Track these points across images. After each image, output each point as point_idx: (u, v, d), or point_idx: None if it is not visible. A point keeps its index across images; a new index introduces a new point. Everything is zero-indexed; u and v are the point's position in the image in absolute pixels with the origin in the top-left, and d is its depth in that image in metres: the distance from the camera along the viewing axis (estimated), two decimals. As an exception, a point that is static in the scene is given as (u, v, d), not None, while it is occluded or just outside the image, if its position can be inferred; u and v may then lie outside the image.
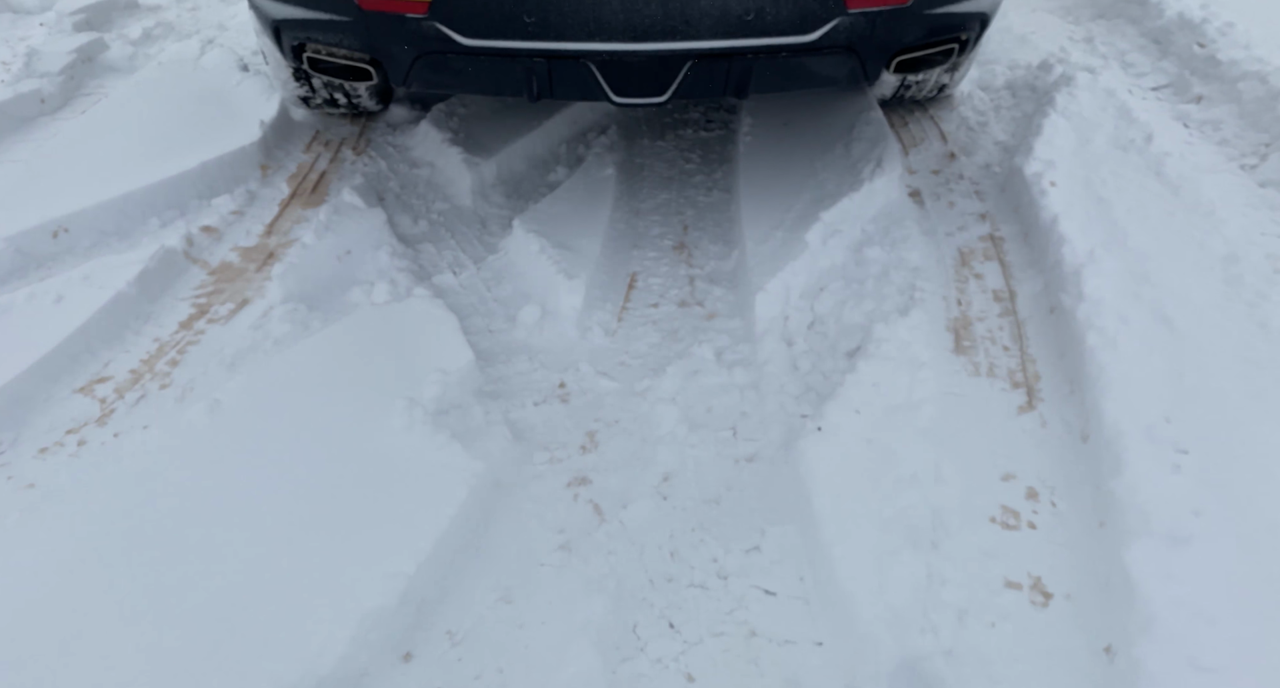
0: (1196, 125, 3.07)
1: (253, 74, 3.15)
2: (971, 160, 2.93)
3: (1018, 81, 3.27)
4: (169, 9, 3.95)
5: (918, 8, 2.23)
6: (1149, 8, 3.54)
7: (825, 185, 2.67)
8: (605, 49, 2.17)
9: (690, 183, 2.93)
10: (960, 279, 2.43)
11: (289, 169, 2.89)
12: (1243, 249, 2.30)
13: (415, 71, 2.28)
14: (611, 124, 3.12)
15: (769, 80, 2.30)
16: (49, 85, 3.16)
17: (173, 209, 2.64)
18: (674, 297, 2.45)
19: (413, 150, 3.02)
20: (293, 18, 2.29)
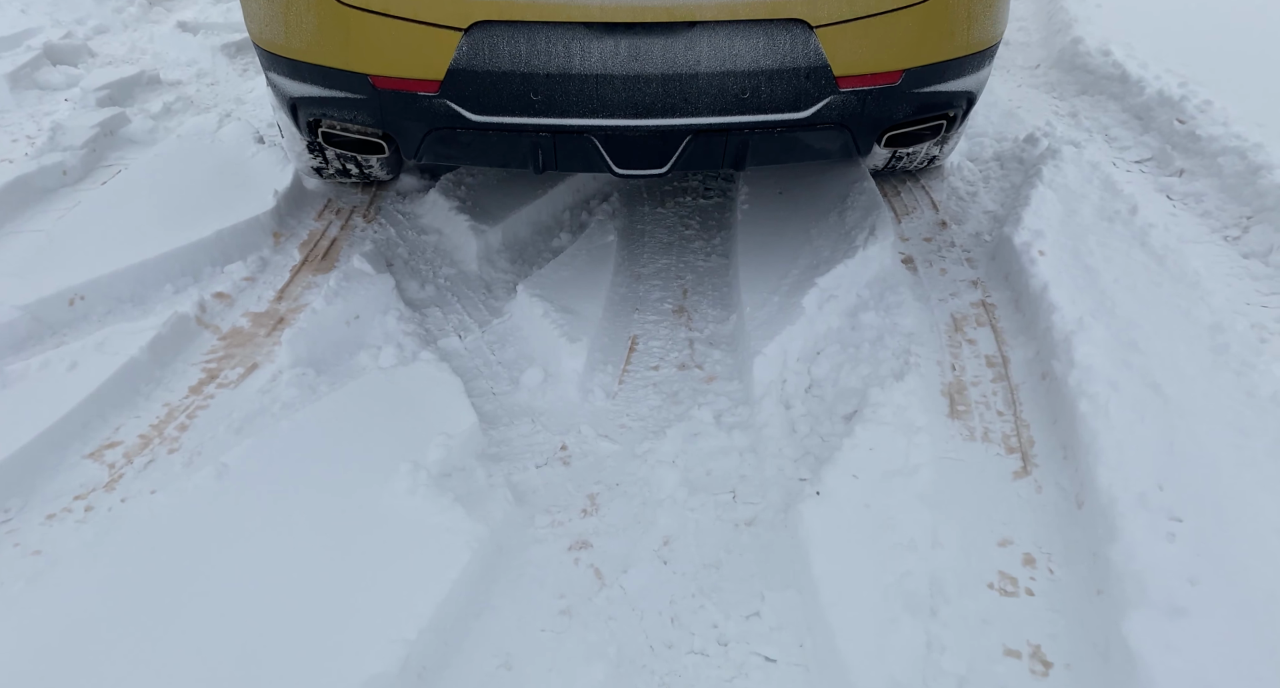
0: (1179, 198, 3.17)
1: (268, 146, 3.24)
2: (962, 229, 3.01)
3: (1006, 153, 3.38)
4: (189, 84, 4.05)
5: (906, 87, 2.33)
6: (1130, 85, 3.67)
7: (820, 252, 2.74)
8: (608, 125, 2.25)
9: (689, 248, 2.99)
10: (954, 344, 2.49)
11: (301, 236, 2.96)
12: (1228, 319, 2.37)
13: (426, 146, 2.36)
14: (614, 192, 3.20)
15: (765, 153, 2.39)
16: (72, 158, 3.24)
17: (187, 276, 2.69)
18: (674, 359, 2.49)
19: (421, 217, 3.08)
20: (309, 95, 2.36)
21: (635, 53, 2.17)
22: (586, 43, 2.16)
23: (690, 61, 2.18)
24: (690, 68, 2.18)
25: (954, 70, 2.39)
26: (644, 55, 2.17)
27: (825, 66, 2.22)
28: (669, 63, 2.18)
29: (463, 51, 2.17)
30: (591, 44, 2.16)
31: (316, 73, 2.31)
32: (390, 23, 2.17)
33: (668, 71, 2.18)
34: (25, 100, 3.80)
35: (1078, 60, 3.95)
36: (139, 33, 4.56)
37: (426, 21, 2.15)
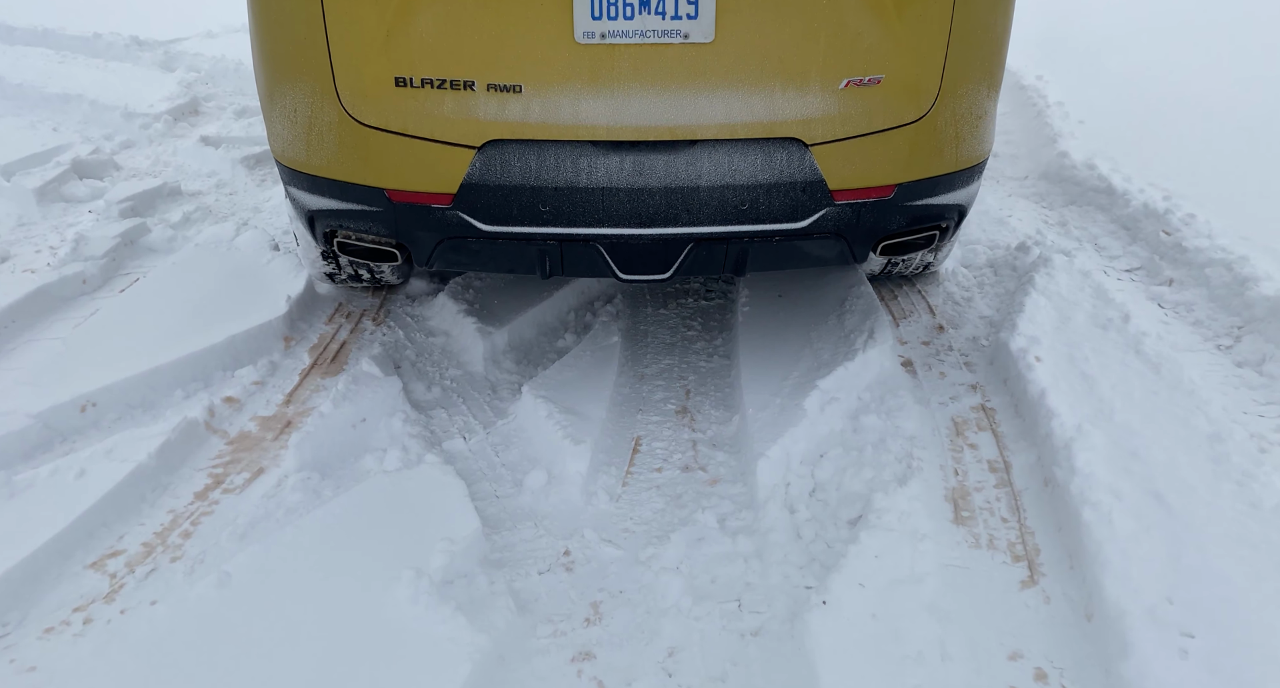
0: (1170, 306, 3.23)
1: (283, 253, 3.33)
2: (959, 333, 3.07)
3: (998, 260, 3.48)
4: (209, 194, 4.18)
5: (899, 200, 2.43)
6: (1116, 197, 3.80)
7: (821, 354, 2.78)
8: (613, 234, 2.34)
9: (692, 349, 3.04)
10: (955, 449, 2.50)
11: (311, 340, 3.01)
12: (1226, 428, 2.39)
13: (437, 253, 2.44)
14: (617, 294, 3.28)
15: (765, 260, 2.47)
16: (92, 267, 3.32)
17: (197, 381, 2.74)
18: (677, 461, 2.51)
19: (430, 320, 3.14)
20: (327, 208, 2.46)
21: (640, 168, 2.27)
22: (594, 159, 2.26)
23: (692, 176, 2.28)
24: (692, 181, 2.28)
25: (944, 185, 2.49)
26: (648, 170, 2.28)
27: (821, 181, 2.32)
28: (671, 177, 2.28)
29: (476, 167, 2.27)
30: (598, 160, 2.27)
31: (335, 187, 2.41)
32: (408, 141, 2.28)
33: (670, 185, 2.28)
34: (51, 213, 3.92)
35: (1064, 172, 4.10)
36: (163, 147, 4.74)
37: (443, 140, 2.26)
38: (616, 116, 2.22)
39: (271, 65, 2.35)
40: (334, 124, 2.31)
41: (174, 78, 5.56)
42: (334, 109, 2.28)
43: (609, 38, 2.16)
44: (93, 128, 4.95)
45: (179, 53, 5.96)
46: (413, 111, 2.24)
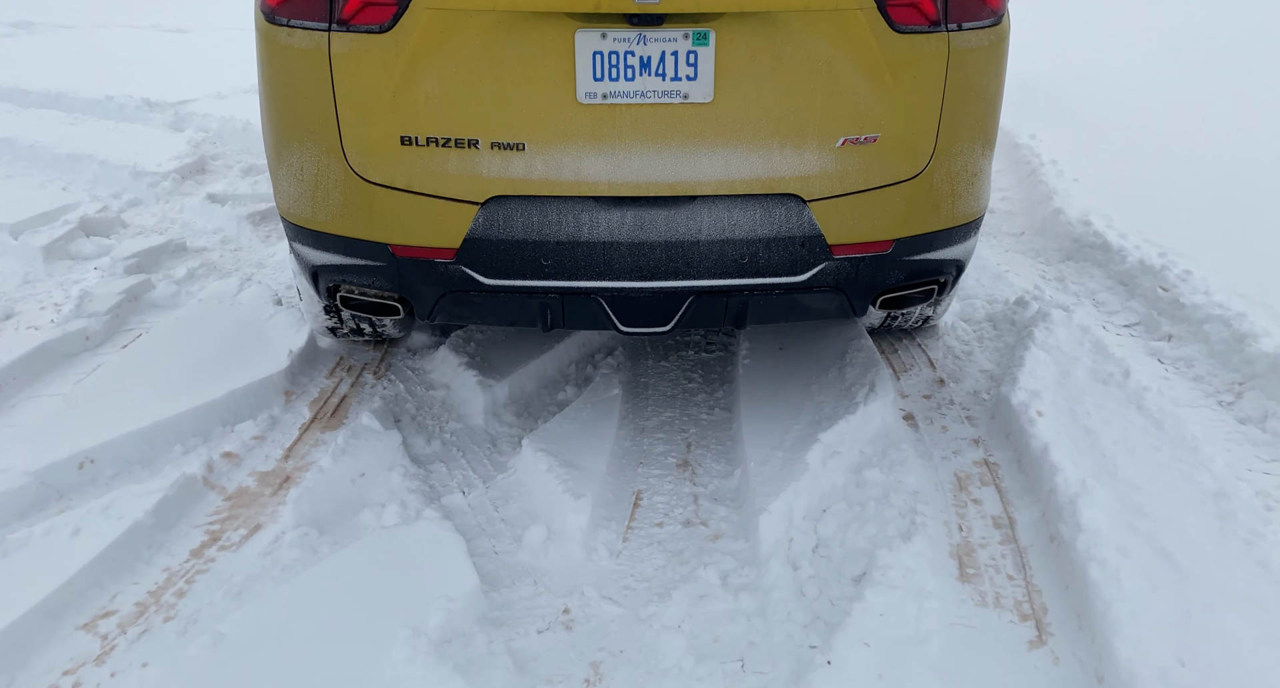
0: (1170, 362, 3.24)
1: (285, 307, 3.35)
2: (960, 387, 3.07)
3: (997, 315, 3.49)
4: (214, 250, 4.22)
5: (897, 254, 2.45)
6: (1112, 253, 3.84)
7: (822, 407, 2.78)
8: (614, 287, 2.36)
9: (693, 401, 3.04)
10: (959, 504, 2.48)
11: (311, 394, 3.01)
12: (1231, 485, 2.37)
13: (440, 307, 2.46)
14: (618, 346, 3.29)
15: (765, 313, 2.49)
16: (95, 323, 3.34)
17: (197, 436, 2.73)
18: (679, 516, 2.48)
19: (430, 373, 3.15)
20: (330, 263, 2.48)
21: (640, 222, 2.30)
22: (595, 214, 2.30)
23: (692, 230, 2.31)
24: (692, 236, 2.31)
25: (942, 240, 2.52)
26: (648, 225, 2.31)
27: (819, 236, 2.35)
28: (672, 231, 2.31)
29: (479, 222, 2.30)
30: (599, 215, 2.30)
31: (339, 243, 2.44)
32: (412, 198, 2.31)
33: (671, 239, 2.31)
34: (57, 270, 3.94)
35: (1060, 229, 4.15)
36: (170, 204, 4.79)
37: (446, 196, 2.30)
38: (618, 173, 2.26)
39: (280, 125, 2.40)
40: (340, 182, 2.34)
41: (183, 137, 5.65)
42: (340, 167, 2.33)
43: (610, 98, 2.21)
44: (101, 187, 5.02)
45: (189, 114, 6.08)
46: (417, 169, 2.28)
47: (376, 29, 2.18)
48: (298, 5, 2.23)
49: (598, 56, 2.18)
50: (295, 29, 2.24)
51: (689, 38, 2.18)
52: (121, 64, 7.54)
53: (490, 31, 2.15)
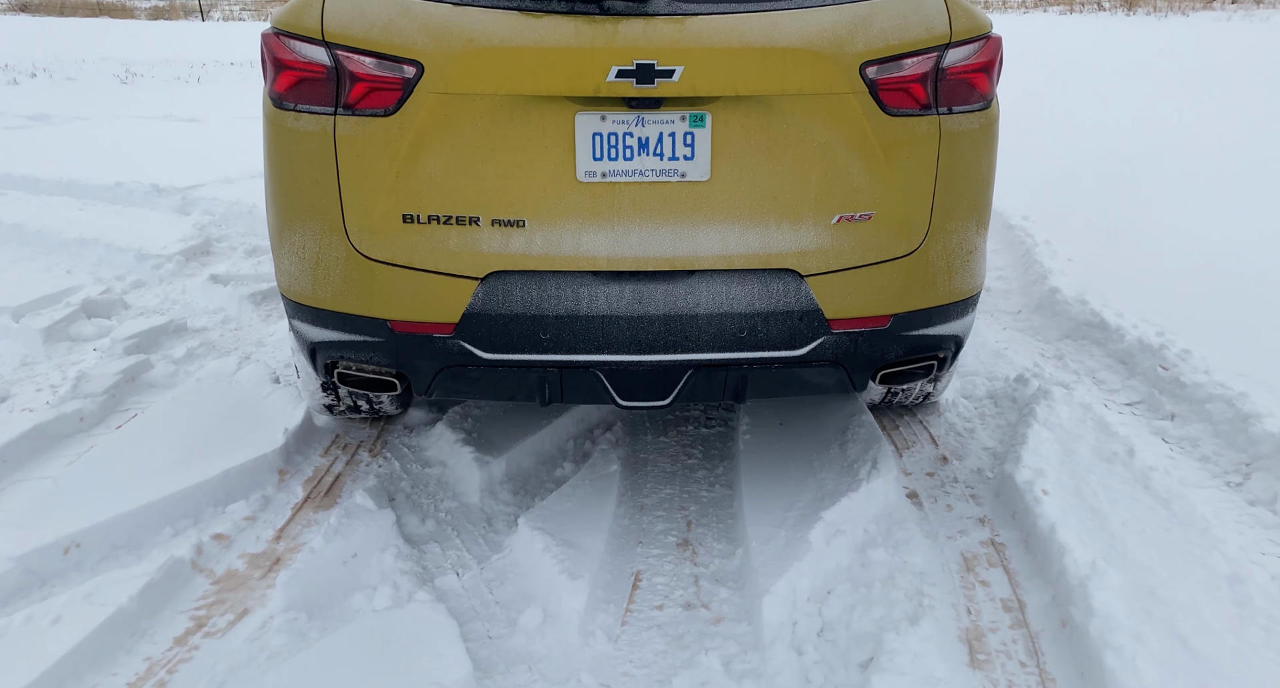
0: (1175, 441, 3.20)
1: (283, 385, 3.34)
2: (963, 465, 3.03)
3: (998, 392, 3.48)
4: (214, 330, 4.24)
5: (895, 330, 2.46)
6: (1110, 332, 3.85)
7: (825, 484, 2.74)
8: (613, 361, 2.35)
9: (693, 478, 2.99)
10: (967, 586, 2.41)
11: (306, 473, 2.97)
12: (1246, 569, 2.32)
13: (437, 382, 2.45)
14: (616, 421, 3.26)
15: (764, 388, 2.48)
16: (91, 404, 3.32)
17: (187, 518, 2.68)
18: (679, 598, 2.41)
19: (426, 450, 3.11)
20: (329, 340, 2.49)
21: (639, 297, 2.32)
22: (594, 288, 2.31)
23: (690, 304, 2.32)
24: (690, 310, 2.32)
25: (940, 316, 2.53)
26: (647, 299, 2.32)
27: (817, 310, 2.36)
28: (670, 305, 2.32)
29: (478, 297, 2.31)
30: (598, 289, 2.31)
31: (338, 319, 2.45)
32: (412, 274, 2.33)
33: (669, 313, 2.31)
34: (56, 352, 3.94)
35: (1057, 307, 4.17)
36: (173, 286, 4.83)
37: (446, 272, 2.32)
38: (616, 248, 2.29)
39: (283, 205, 2.43)
40: (341, 259, 2.37)
41: (189, 221, 5.75)
42: (341, 245, 2.35)
43: (609, 177, 2.25)
44: (106, 269, 5.07)
45: (196, 198, 6.19)
46: (418, 246, 2.30)
47: (381, 113, 2.24)
48: (305, 91, 2.29)
49: (597, 137, 2.23)
50: (302, 113, 2.30)
51: (686, 120, 2.24)
52: (133, 152, 7.72)
53: (493, 114, 2.21)
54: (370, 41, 2.22)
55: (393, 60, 2.21)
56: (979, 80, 2.41)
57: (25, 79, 12.82)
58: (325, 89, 2.27)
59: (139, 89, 12.14)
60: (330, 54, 2.24)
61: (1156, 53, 11.43)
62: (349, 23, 2.25)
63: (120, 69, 13.77)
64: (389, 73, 2.22)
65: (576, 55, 2.16)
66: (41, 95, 11.56)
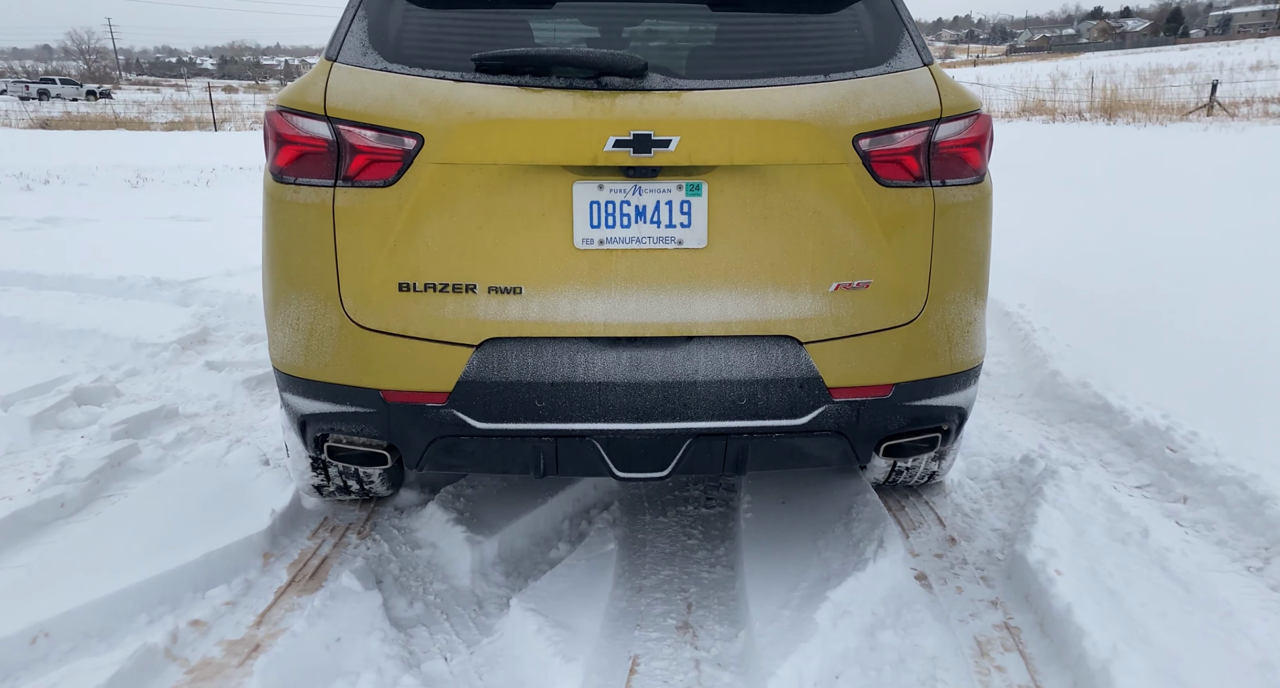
0: (1189, 525, 3.11)
1: (273, 467, 3.27)
2: (972, 546, 2.93)
3: (1004, 473, 3.40)
4: (206, 416, 4.18)
5: (898, 399, 2.42)
6: (1114, 414, 3.80)
7: (830, 564, 2.63)
8: (610, 429, 2.30)
9: (693, 559, 2.88)
10: (982, 671, 2.29)
11: (291, 556, 2.87)
12: (1276, 655, 2.21)
13: (429, 454, 2.39)
14: (614, 501, 3.17)
15: (765, 459, 2.41)
16: (73, 490, 3.23)
17: (165, 603, 2.57)
18: (680, 683, 2.27)
19: (417, 532, 3.01)
20: (320, 411, 2.44)
21: (636, 363, 2.28)
22: (590, 354, 2.28)
23: (688, 371, 2.28)
24: (689, 376, 2.28)
25: (942, 387, 2.49)
26: (644, 365, 2.28)
27: (817, 378, 2.32)
28: (668, 371, 2.28)
29: (473, 365, 2.28)
30: (595, 356, 2.28)
31: (330, 391, 2.41)
32: (406, 342, 2.31)
33: (667, 379, 2.28)
34: (43, 440, 3.88)
35: (1059, 390, 4.14)
36: (168, 373, 4.79)
37: (441, 340, 2.29)
38: (614, 314, 2.27)
39: (280, 277, 2.42)
40: (335, 329, 2.34)
41: (188, 311, 5.76)
42: (336, 315, 2.33)
43: (607, 244, 2.26)
44: (101, 359, 5.04)
45: (197, 290, 6.23)
46: (413, 314, 2.29)
47: (381, 184, 2.26)
48: (306, 165, 2.32)
49: (594, 205, 2.25)
50: (302, 186, 2.32)
51: (683, 189, 2.26)
52: (137, 249, 7.83)
53: (491, 183, 2.23)
54: (372, 115, 2.26)
55: (394, 133, 2.25)
56: (970, 155, 2.46)
57: (38, 185, 13.14)
58: (326, 162, 2.30)
59: (148, 192, 12.43)
60: (332, 128, 2.29)
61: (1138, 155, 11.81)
62: (351, 99, 2.30)
63: (132, 175, 14.14)
64: (390, 145, 2.26)
65: (575, 126, 2.20)
66: (53, 200, 11.81)
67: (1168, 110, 18.96)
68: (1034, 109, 22.53)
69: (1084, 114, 20.23)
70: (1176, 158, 11.39)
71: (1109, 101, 19.84)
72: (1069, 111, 21.01)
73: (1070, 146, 13.78)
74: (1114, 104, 19.72)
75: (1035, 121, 20.02)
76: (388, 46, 2.39)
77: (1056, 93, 23.09)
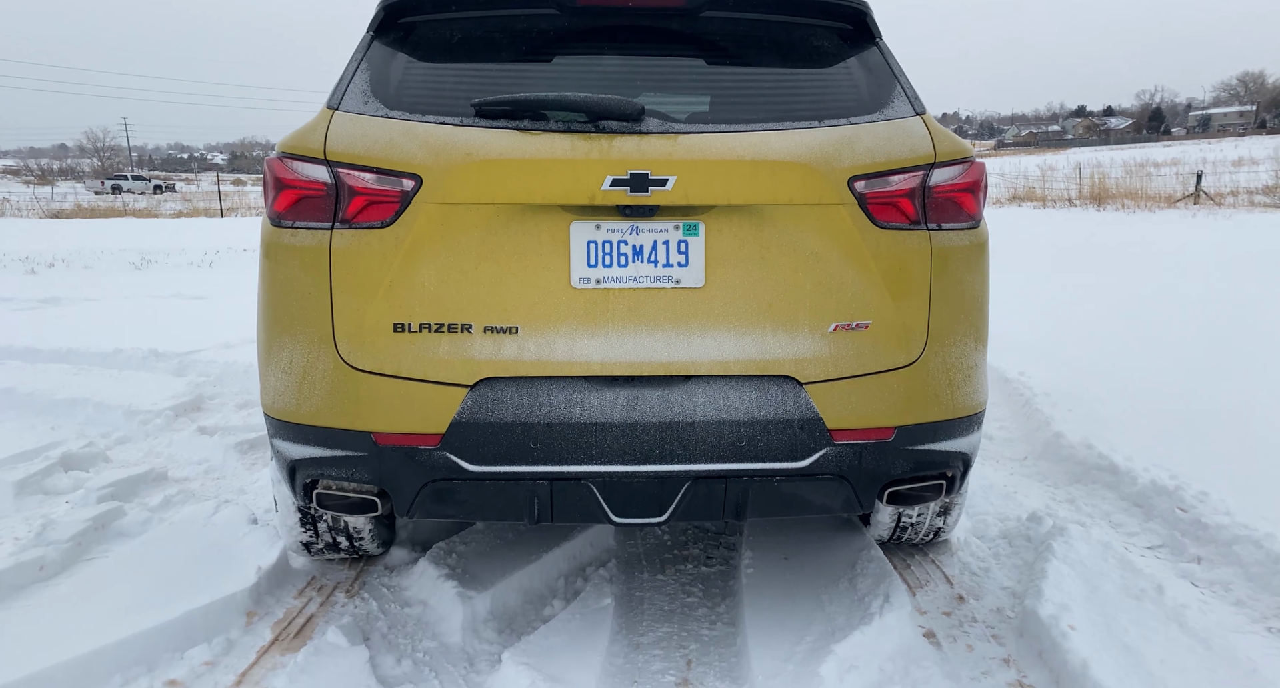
0: (1205, 585, 3.01)
1: (261, 526, 3.19)
2: (981, 604, 2.82)
3: (1011, 532, 3.31)
4: (195, 480, 4.10)
5: (900, 443, 2.36)
6: (1121, 475, 3.73)
7: (834, 618, 2.53)
8: (606, 471, 2.24)
9: (693, 616, 2.77)
10: (999, 731, 2.16)
11: (276, 615, 2.77)
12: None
13: (420, 499, 2.33)
14: (611, 559, 3.07)
15: (766, 505, 2.34)
16: (53, 552, 3.13)
17: (140, 664, 2.46)
18: (678, 742, 2.15)
19: (407, 590, 2.90)
20: (310, 456, 2.39)
21: (633, 402, 2.24)
22: (586, 394, 2.24)
23: (686, 410, 2.24)
24: (687, 416, 2.24)
25: (945, 431, 2.44)
26: (641, 405, 2.24)
27: (818, 419, 2.28)
28: (666, 411, 2.24)
29: (467, 405, 2.24)
30: (591, 395, 2.24)
31: (321, 434, 2.36)
32: (399, 383, 2.27)
33: (665, 419, 2.23)
34: (26, 505, 3.78)
35: (1063, 452, 4.07)
36: (159, 440, 4.73)
37: (435, 381, 2.26)
38: (611, 353, 2.24)
39: (274, 320, 2.40)
40: (328, 372, 2.31)
41: (183, 381, 5.72)
42: (329, 357, 2.31)
43: (604, 283, 2.25)
44: (92, 427, 4.97)
45: (193, 361, 6.20)
46: (407, 354, 2.26)
47: (379, 225, 2.27)
48: (304, 208, 2.33)
49: (592, 245, 2.25)
50: (299, 229, 2.33)
51: (680, 228, 2.27)
52: (136, 324, 7.85)
53: (488, 223, 2.24)
54: (372, 158, 2.29)
55: (392, 174, 2.27)
56: (965, 200, 2.47)
57: (43, 269, 13.29)
58: (324, 205, 2.31)
59: (152, 274, 12.56)
60: (331, 172, 2.30)
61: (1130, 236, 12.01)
62: (351, 142, 2.32)
63: (136, 257, 14.33)
64: (388, 186, 2.27)
65: (572, 166, 2.22)
66: (56, 282, 11.91)
67: (1155, 199, 19.38)
68: (1024, 196, 23.03)
69: (1074, 201, 20.67)
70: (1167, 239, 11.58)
71: (1097, 190, 20.30)
72: (1059, 199, 21.47)
73: (1062, 228, 14.02)
74: (1102, 192, 20.17)
75: (1026, 207, 20.44)
76: (389, 95, 2.43)
77: (1045, 182, 23.65)
